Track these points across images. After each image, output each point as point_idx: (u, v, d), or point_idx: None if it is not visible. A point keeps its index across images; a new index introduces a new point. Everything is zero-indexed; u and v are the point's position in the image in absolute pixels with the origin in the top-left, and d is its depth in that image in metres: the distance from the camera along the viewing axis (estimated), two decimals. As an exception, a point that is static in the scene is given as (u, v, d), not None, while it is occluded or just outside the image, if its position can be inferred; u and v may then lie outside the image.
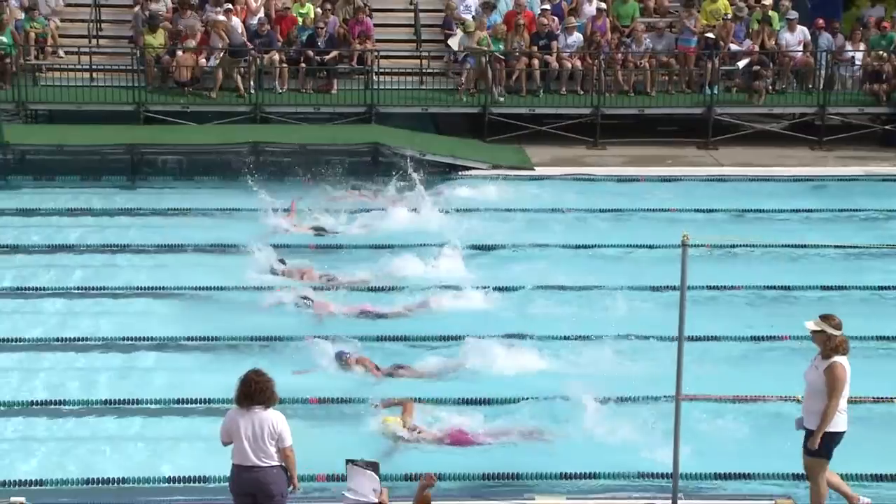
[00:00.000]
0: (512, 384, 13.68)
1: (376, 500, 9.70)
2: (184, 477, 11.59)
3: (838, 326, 10.60)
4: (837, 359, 10.51)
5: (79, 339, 14.77)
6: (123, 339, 14.81)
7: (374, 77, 24.26)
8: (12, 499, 9.67)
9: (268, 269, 17.03)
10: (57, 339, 14.80)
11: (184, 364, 14.30)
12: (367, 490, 9.66)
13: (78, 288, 16.47)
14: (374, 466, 9.65)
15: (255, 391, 9.77)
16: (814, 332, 10.67)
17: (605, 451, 12.22)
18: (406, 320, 15.70)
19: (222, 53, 23.84)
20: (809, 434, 10.63)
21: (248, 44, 24.28)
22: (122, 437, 12.64)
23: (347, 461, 9.68)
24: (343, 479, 10.05)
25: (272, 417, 9.79)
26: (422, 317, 15.81)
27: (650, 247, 18.23)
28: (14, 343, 14.71)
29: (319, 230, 19.06)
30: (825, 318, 10.68)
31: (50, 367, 14.16)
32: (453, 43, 24.82)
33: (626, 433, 12.46)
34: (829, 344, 10.55)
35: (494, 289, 16.37)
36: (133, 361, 14.38)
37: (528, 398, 13.22)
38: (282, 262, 17.29)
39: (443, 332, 14.96)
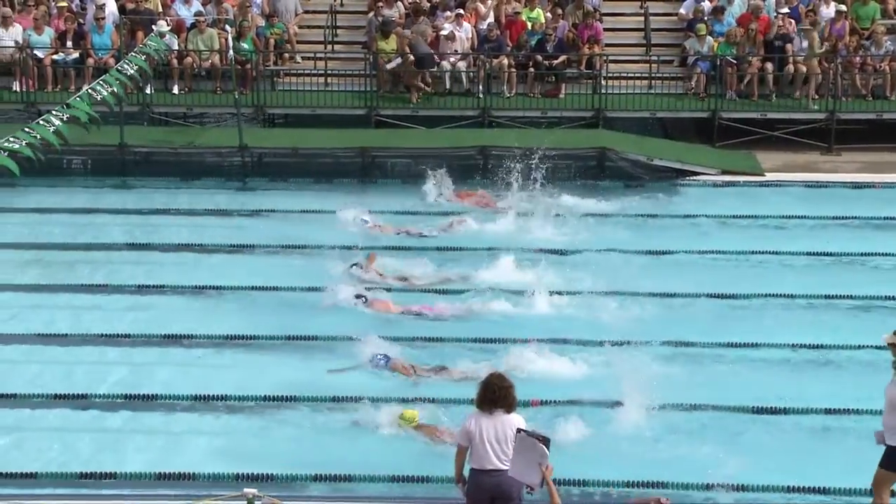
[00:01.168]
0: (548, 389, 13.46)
1: (538, 479, 9.37)
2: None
3: None
4: None
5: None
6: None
7: (603, 81, 24.16)
8: (245, 490, 9.98)
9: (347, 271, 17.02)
10: (300, 338, 15.09)
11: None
12: (532, 465, 9.33)
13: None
14: (545, 441, 9.32)
15: (498, 397, 9.82)
16: (891, 344, 10.26)
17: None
18: (461, 322, 15.59)
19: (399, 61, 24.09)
20: (890, 450, 10.28)
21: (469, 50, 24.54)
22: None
23: (518, 430, 9.47)
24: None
25: (515, 420, 9.81)
26: (478, 319, 15.68)
27: (886, 255, 17.66)
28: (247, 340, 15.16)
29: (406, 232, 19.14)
30: None
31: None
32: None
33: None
34: None
35: (663, 295, 16.13)
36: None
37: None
38: (357, 266, 17.20)
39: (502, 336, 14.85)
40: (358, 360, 14.23)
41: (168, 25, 23.61)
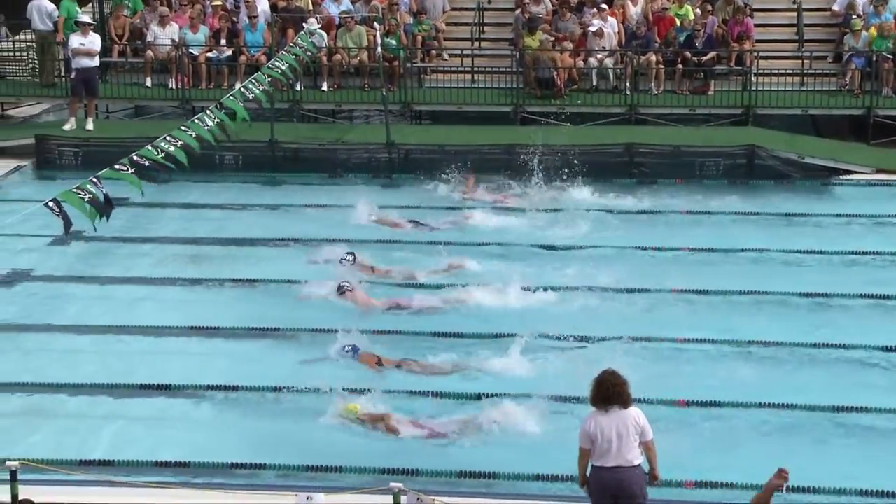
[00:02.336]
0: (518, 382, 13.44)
1: None
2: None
3: None
4: None
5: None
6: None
7: (753, 78, 23.77)
8: (391, 484, 10.09)
9: (338, 261, 17.16)
10: (442, 334, 15.12)
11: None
12: None
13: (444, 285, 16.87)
14: None
15: (612, 394, 9.80)
16: None
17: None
18: (436, 316, 15.54)
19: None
20: None
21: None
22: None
23: None
24: None
25: (633, 413, 9.81)
26: (454, 313, 15.66)
27: None
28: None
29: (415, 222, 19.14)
30: None
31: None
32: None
33: None
34: None
35: (815, 295, 15.87)
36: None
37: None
38: (352, 254, 17.33)
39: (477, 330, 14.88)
40: (327, 352, 14.32)
41: (318, 23, 23.97)
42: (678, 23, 24.78)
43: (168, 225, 19.52)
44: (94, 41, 23.03)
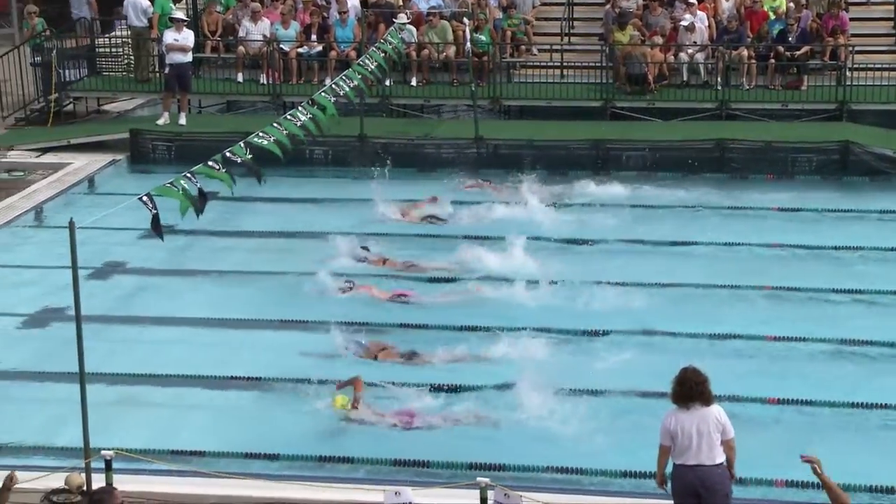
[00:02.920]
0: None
1: None
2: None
3: None
4: None
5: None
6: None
7: (848, 73, 23.41)
8: (479, 479, 10.11)
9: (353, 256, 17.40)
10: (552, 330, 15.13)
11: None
12: None
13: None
14: None
15: (694, 392, 9.73)
16: None
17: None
18: (441, 309, 15.66)
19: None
20: None
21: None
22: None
23: None
24: None
25: (714, 411, 9.74)
26: (461, 305, 15.80)
27: None
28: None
29: (433, 218, 19.09)
30: None
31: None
32: None
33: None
34: None
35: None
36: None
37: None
38: (365, 248, 17.53)
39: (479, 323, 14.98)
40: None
41: (408, 18, 24.07)
42: (772, 16, 24.46)
43: (258, 219, 19.72)
44: (187, 37, 23.33)
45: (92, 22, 26.75)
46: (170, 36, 23.24)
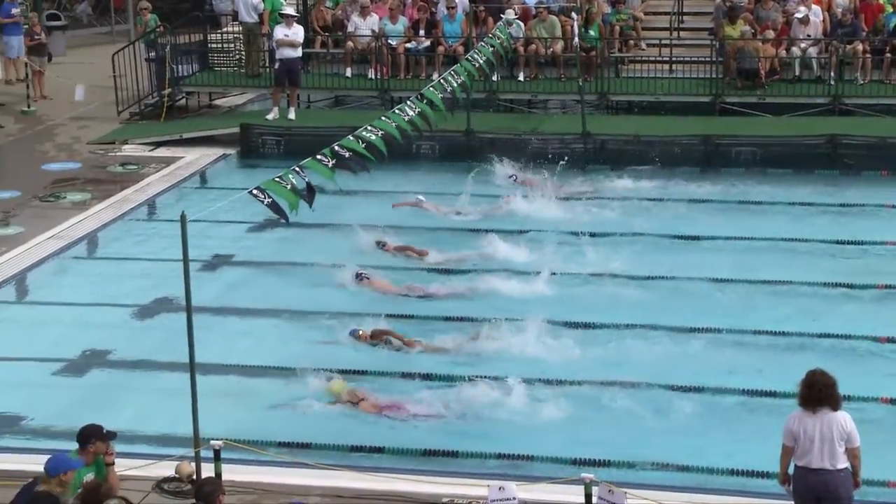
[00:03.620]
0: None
1: None
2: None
3: None
4: None
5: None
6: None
7: (966, 67, 22.89)
8: (583, 475, 10.08)
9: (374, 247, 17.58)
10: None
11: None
12: None
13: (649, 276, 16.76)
14: None
15: (823, 396, 9.57)
16: None
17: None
18: (451, 301, 15.82)
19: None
20: None
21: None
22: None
23: None
24: None
25: (841, 418, 9.58)
26: (471, 298, 15.91)
27: None
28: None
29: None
30: None
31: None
32: None
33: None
34: None
35: None
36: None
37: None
38: (382, 242, 17.66)
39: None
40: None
41: (516, 13, 24.03)
42: (891, 9, 23.96)
43: (364, 211, 19.83)
44: (297, 32, 23.57)
45: (216, 18, 27.10)
46: (280, 32, 23.50)
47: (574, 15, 24.28)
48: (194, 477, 10.95)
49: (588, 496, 9.84)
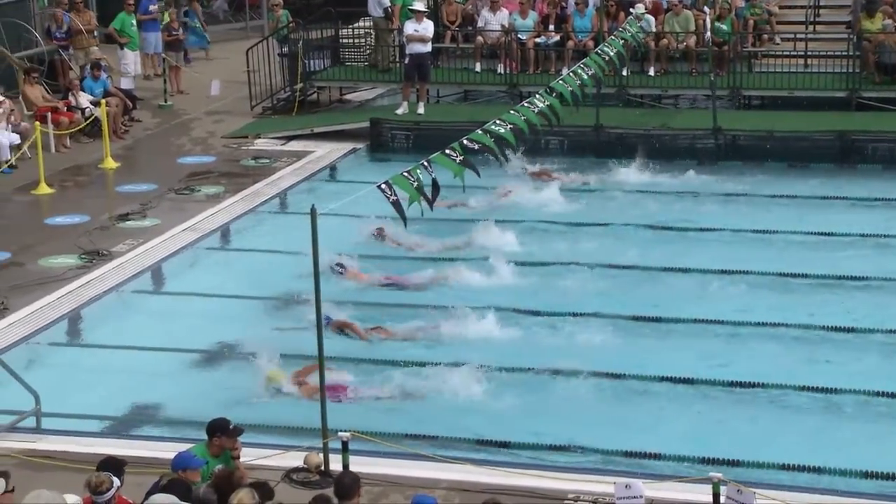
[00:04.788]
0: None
1: None
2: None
3: None
4: None
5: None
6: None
7: None
8: (711, 474, 9.97)
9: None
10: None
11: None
12: None
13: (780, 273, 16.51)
14: None
15: None
16: None
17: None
18: (423, 292, 15.97)
19: None
20: None
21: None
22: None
23: None
24: None
25: None
26: (440, 289, 16.06)
27: None
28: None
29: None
30: None
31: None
32: None
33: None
34: None
35: None
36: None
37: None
38: (380, 229, 17.77)
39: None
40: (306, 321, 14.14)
41: (646, 8, 23.81)
42: None
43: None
44: (427, 27, 23.67)
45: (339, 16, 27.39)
46: (410, 27, 23.63)
47: (706, 9, 23.96)
48: (322, 468, 11.08)
49: (716, 495, 9.73)
